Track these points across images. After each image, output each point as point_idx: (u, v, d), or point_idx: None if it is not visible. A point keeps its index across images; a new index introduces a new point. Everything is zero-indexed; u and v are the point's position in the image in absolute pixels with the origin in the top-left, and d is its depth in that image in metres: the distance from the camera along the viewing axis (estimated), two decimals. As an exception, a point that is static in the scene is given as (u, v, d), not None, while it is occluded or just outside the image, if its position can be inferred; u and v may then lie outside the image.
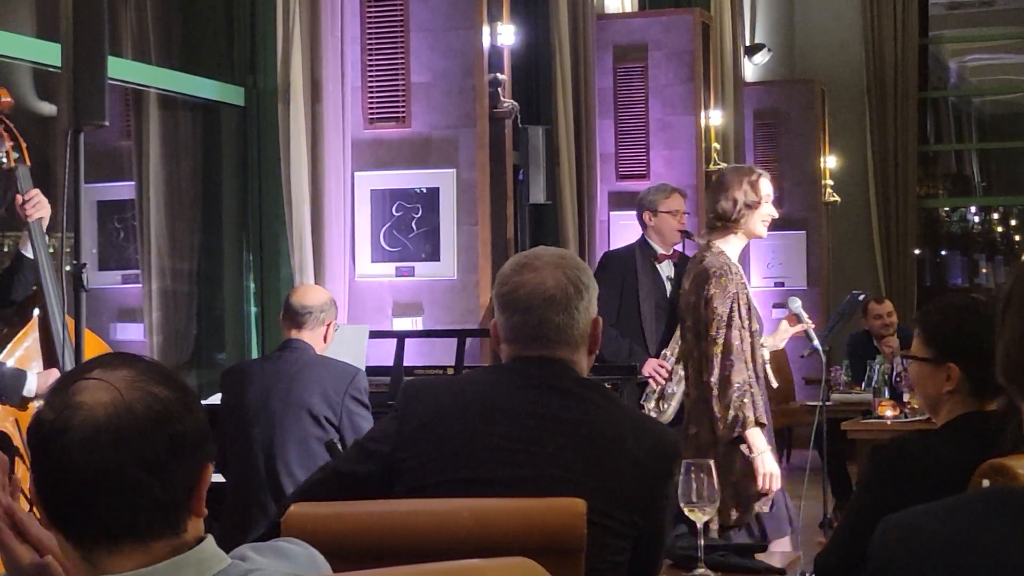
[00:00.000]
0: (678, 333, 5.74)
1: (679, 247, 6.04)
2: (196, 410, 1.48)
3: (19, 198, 3.98)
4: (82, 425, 1.41)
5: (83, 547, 1.44)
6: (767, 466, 4.12)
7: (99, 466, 1.41)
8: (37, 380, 3.92)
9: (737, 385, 4.09)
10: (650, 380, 5.68)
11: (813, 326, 4.63)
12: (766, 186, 4.34)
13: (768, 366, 4.32)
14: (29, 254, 4.00)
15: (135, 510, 1.42)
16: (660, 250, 5.93)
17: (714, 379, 4.11)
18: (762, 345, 4.29)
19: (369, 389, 4.54)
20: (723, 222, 4.29)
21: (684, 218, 5.99)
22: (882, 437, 6.05)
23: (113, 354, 1.52)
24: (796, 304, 4.69)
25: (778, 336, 4.56)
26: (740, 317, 4.16)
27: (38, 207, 3.96)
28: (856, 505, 2.70)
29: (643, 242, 5.99)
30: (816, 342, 4.64)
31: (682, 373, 5.63)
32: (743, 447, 4.12)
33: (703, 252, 4.32)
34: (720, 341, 4.13)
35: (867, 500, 2.64)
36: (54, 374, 3.85)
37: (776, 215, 4.45)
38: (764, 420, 4.14)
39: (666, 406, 5.69)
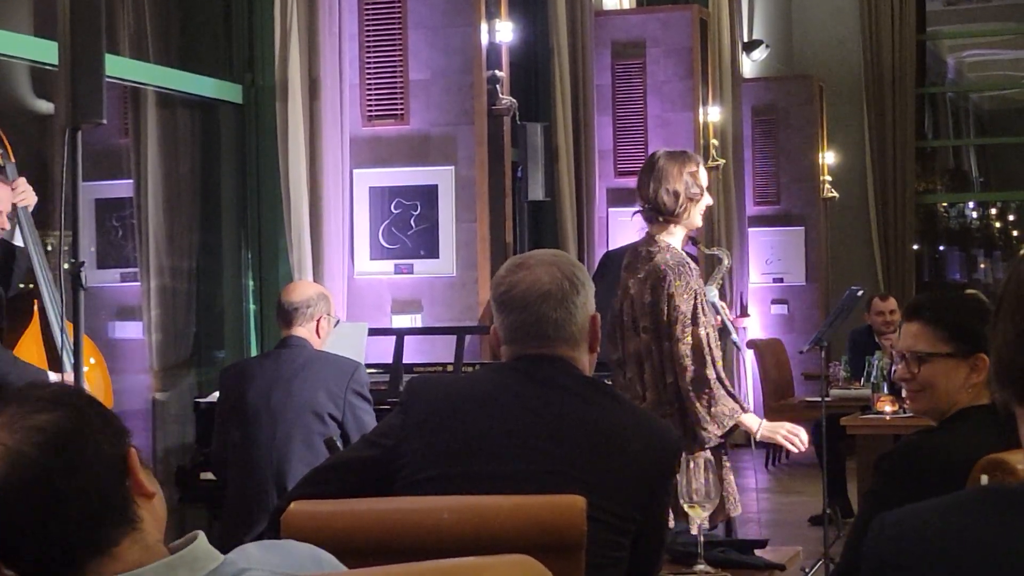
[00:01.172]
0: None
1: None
2: (88, 413, 1.46)
3: (5, 187, 4.02)
4: None
5: None
6: (781, 430, 3.99)
7: (21, 520, 1.41)
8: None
9: (713, 380, 3.90)
10: None
11: (731, 318, 4.42)
12: (704, 175, 4.07)
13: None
14: (19, 242, 4.03)
15: (77, 534, 1.43)
16: None
17: (688, 379, 3.90)
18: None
19: (368, 386, 4.53)
20: (663, 216, 4.03)
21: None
22: (881, 432, 6.06)
23: None
24: (713, 293, 4.34)
25: (774, 428, 4.12)
26: (704, 313, 3.96)
27: (26, 194, 4.02)
28: (866, 518, 2.62)
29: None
30: (734, 335, 4.41)
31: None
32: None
33: (647, 247, 4.05)
34: (688, 340, 3.92)
35: (879, 511, 2.60)
36: (69, 378, 3.85)
37: (711, 203, 4.21)
38: (747, 405, 4.02)
39: None
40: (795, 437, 4.02)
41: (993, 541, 1.27)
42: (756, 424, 3.99)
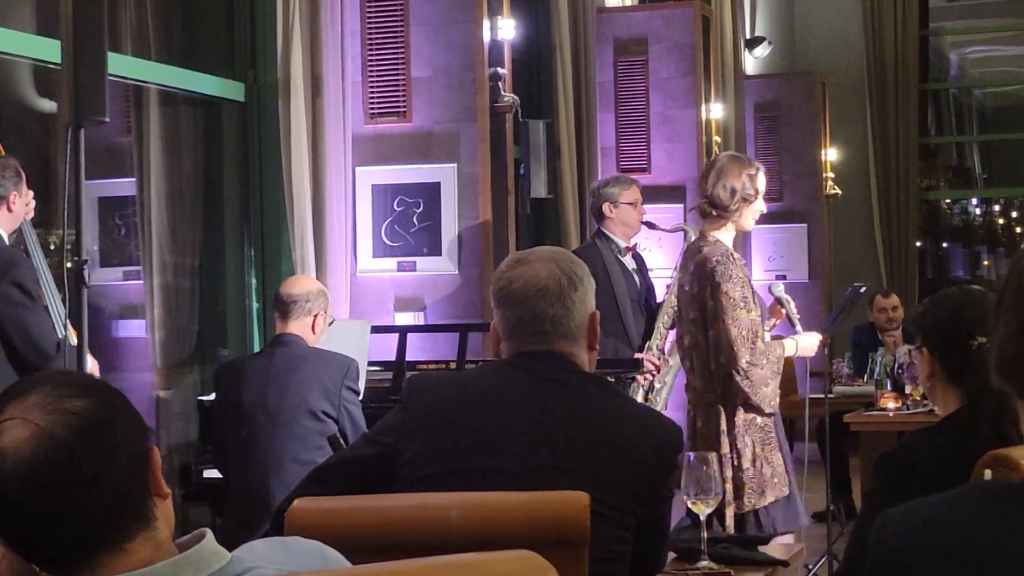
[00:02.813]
0: (658, 324, 5.74)
1: (635, 240, 5.97)
2: (118, 404, 1.47)
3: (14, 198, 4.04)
4: (14, 469, 1.41)
5: (64, 571, 1.45)
6: (808, 341, 4.32)
7: (46, 502, 1.42)
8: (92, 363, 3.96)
9: (758, 364, 4.15)
10: (638, 377, 5.63)
11: (797, 315, 4.58)
12: (762, 181, 4.31)
13: None
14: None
15: (98, 524, 1.43)
16: (622, 243, 5.86)
17: (743, 363, 4.13)
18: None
19: (370, 384, 4.54)
20: (717, 210, 4.24)
21: (643, 208, 5.93)
22: (884, 429, 6.05)
23: (16, 385, 1.49)
24: (779, 288, 4.63)
25: (806, 341, 4.48)
26: (752, 302, 4.18)
27: (31, 207, 4.05)
28: (868, 517, 2.62)
29: (602, 236, 5.89)
30: (798, 327, 4.56)
31: (672, 363, 5.62)
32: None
33: (699, 243, 4.28)
34: (739, 325, 4.13)
35: (880, 510, 2.59)
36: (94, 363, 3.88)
37: (765, 211, 4.42)
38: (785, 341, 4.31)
39: (657, 399, 5.67)
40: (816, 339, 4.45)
41: (995, 536, 1.26)
42: (792, 347, 4.34)
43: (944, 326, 2.66)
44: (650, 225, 5.97)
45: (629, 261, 5.88)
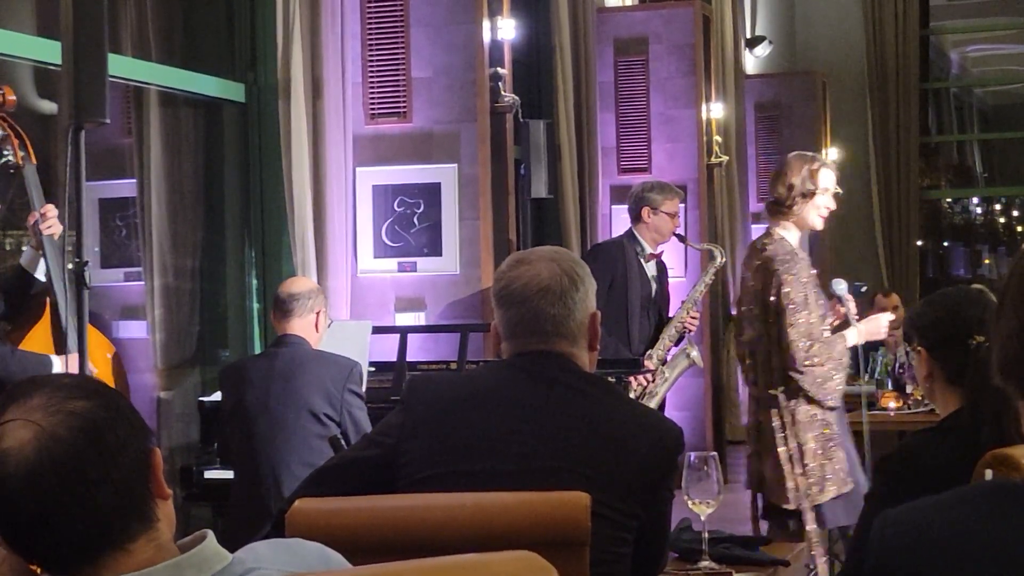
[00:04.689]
0: (664, 335, 5.76)
1: (662, 248, 6.00)
2: (121, 406, 1.48)
3: (33, 216, 4.00)
4: (17, 470, 1.41)
5: (66, 572, 1.45)
6: (872, 325, 4.36)
7: (49, 503, 1.42)
8: (60, 364, 3.94)
9: (825, 363, 4.21)
10: (631, 381, 5.64)
11: (856, 315, 4.57)
12: (826, 177, 4.32)
13: None
14: (40, 276, 4.01)
15: (101, 524, 1.43)
16: (649, 249, 5.89)
17: (800, 365, 4.17)
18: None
19: (372, 385, 4.53)
20: (778, 207, 4.29)
21: (679, 221, 5.99)
22: (885, 429, 6.05)
23: (19, 385, 1.50)
24: (842, 286, 4.55)
25: (871, 326, 4.51)
26: (813, 303, 4.22)
27: (53, 225, 3.98)
28: (869, 520, 2.60)
29: (631, 237, 5.93)
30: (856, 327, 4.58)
31: (668, 375, 5.65)
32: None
33: (764, 240, 4.32)
34: (800, 327, 4.16)
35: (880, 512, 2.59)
36: (74, 359, 3.85)
37: (834, 207, 4.42)
38: (846, 334, 4.32)
39: (650, 403, 5.68)
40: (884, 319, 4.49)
41: (997, 536, 1.26)
42: (855, 335, 4.38)
43: (942, 326, 2.65)
44: (680, 238, 6.01)
45: (651, 267, 5.92)
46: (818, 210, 4.30)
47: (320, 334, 4.49)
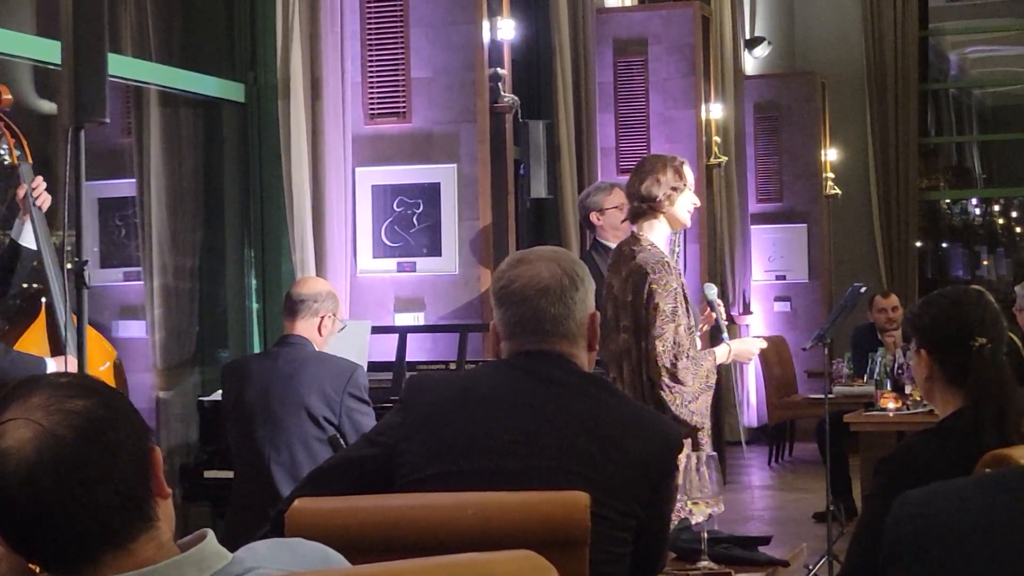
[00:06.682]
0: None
1: None
2: (121, 405, 1.48)
3: (23, 188, 4.00)
4: (17, 470, 1.41)
5: (66, 571, 1.45)
6: (743, 346, 4.26)
7: (49, 502, 1.42)
8: (56, 367, 3.93)
9: (689, 377, 4.05)
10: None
11: (726, 320, 4.50)
12: (689, 173, 4.28)
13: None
14: (31, 244, 4.01)
15: (101, 523, 1.43)
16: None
17: (665, 375, 4.03)
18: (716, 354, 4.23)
19: (371, 385, 4.51)
20: (649, 204, 4.17)
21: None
22: (884, 429, 6.06)
23: (19, 384, 1.49)
24: (712, 291, 4.57)
25: (743, 347, 4.40)
26: (682, 313, 4.07)
27: (45, 197, 4.00)
28: (869, 520, 2.57)
29: (597, 246, 5.85)
30: (725, 334, 4.44)
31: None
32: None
33: (631, 247, 4.18)
34: (668, 337, 4.03)
35: (881, 513, 2.58)
36: (71, 361, 3.85)
37: (699, 203, 4.37)
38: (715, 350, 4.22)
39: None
40: (755, 344, 4.42)
41: (1009, 522, 1.27)
42: (725, 354, 4.24)
43: (943, 327, 2.64)
44: None
45: None
46: (687, 207, 4.25)
47: (325, 338, 4.44)
